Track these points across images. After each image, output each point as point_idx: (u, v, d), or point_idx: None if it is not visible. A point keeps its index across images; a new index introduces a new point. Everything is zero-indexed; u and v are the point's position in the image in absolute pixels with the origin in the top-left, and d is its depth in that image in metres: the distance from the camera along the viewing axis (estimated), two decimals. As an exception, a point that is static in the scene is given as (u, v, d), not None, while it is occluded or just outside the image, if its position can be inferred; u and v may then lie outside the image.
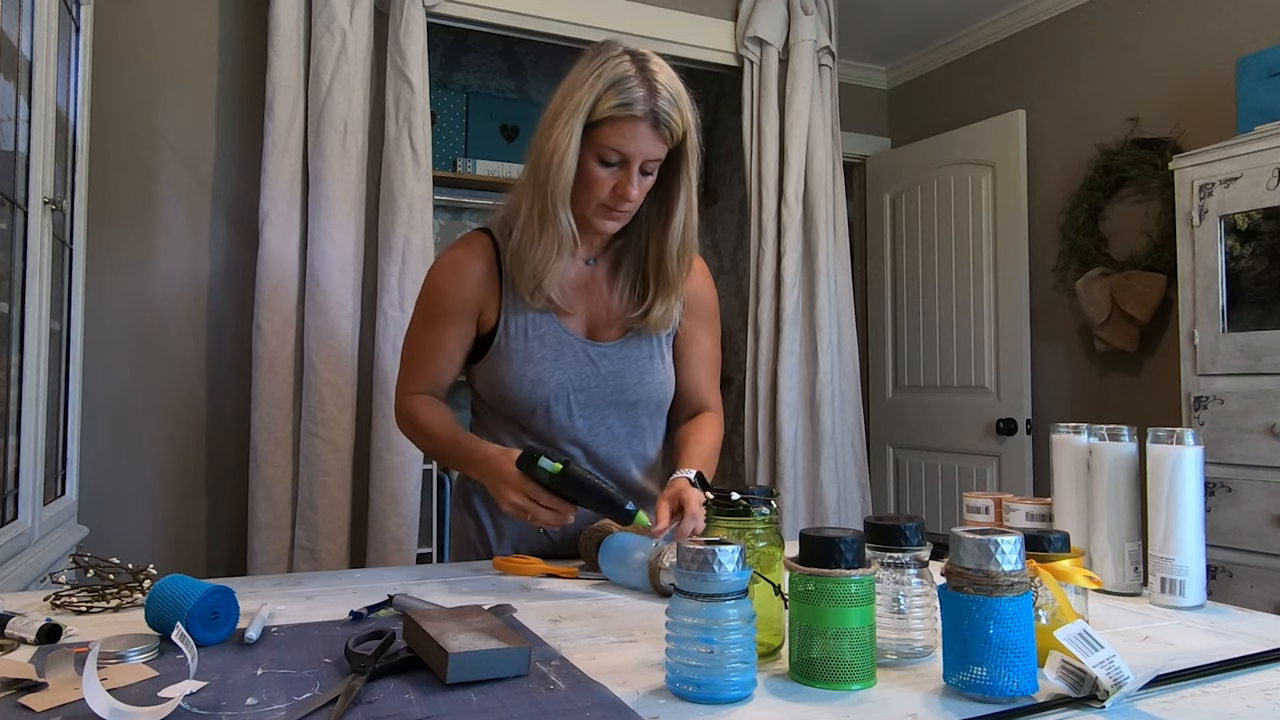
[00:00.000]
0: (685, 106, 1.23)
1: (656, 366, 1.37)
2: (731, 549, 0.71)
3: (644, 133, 1.19)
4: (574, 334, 1.33)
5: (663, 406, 1.41)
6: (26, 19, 1.57)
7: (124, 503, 2.28)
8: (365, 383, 2.40)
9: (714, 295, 1.47)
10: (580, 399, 1.32)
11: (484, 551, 1.41)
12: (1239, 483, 2.29)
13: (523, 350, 1.30)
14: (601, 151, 1.20)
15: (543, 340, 1.31)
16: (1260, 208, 2.30)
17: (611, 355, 1.34)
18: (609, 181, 1.22)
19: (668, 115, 1.19)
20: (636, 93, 1.17)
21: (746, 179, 3.02)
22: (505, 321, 1.31)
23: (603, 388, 1.33)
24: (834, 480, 2.95)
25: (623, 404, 1.35)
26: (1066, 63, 3.32)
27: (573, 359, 1.32)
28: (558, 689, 0.72)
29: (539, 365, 1.30)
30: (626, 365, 1.34)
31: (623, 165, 1.21)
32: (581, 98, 1.18)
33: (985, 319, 3.51)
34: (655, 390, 1.37)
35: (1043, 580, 0.80)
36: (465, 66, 3.91)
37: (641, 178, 1.23)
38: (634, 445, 1.39)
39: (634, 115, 1.17)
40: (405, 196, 2.40)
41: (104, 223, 2.27)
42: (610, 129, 1.18)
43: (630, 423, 1.37)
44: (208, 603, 0.83)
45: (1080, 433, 1.13)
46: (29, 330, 1.59)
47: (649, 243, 1.33)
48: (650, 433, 1.41)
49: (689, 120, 1.23)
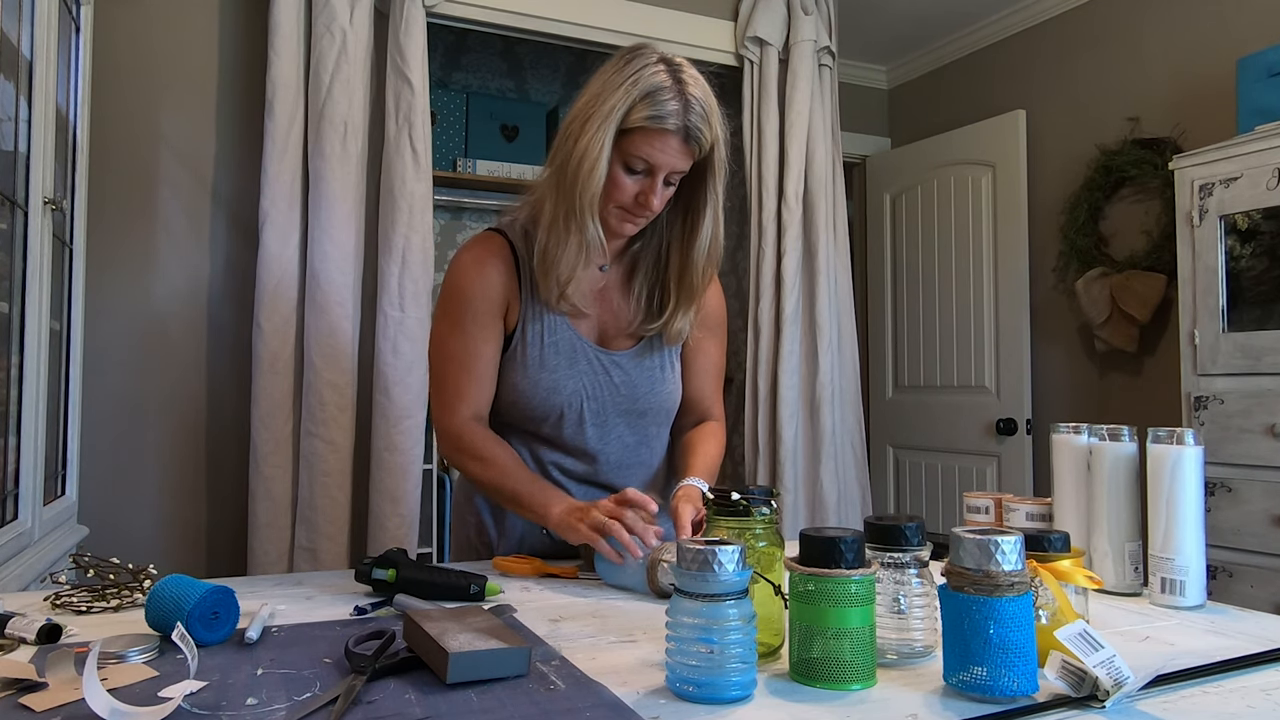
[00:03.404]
0: (716, 121, 1.22)
1: (667, 376, 1.37)
2: (731, 549, 0.71)
3: (674, 146, 1.18)
4: (587, 341, 1.33)
5: (670, 415, 1.41)
6: (26, 19, 1.57)
7: (124, 503, 2.28)
8: (365, 383, 2.40)
9: (724, 307, 1.47)
10: (592, 407, 1.32)
11: (485, 551, 1.41)
12: (1239, 483, 2.29)
13: (539, 357, 1.29)
14: (629, 159, 1.19)
15: (558, 347, 1.30)
16: (1260, 208, 2.30)
17: (624, 364, 1.34)
18: (633, 189, 1.21)
19: (699, 130, 1.18)
20: (671, 105, 1.16)
21: (746, 179, 3.02)
22: (523, 326, 1.30)
23: (615, 396, 1.33)
24: (834, 480, 2.95)
25: (633, 413, 1.35)
26: (1066, 63, 3.32)
27: (586, 366, 1.31)
28: (558, 689, 0.72)
29: (554, 373, 1.29)
30: (639, 374, 1.34)
31: (648, 174, 1.20)
32: (615, 104, 1.17)
33: (985, 319, 3.51)
34: (665, 400, 1.37)
35: (1043, 580, 0.80)
36: (465, 66, 3.91)
37: (664, 188, 1.23)
38: (641, 454, 1.38)
39: (666, 129, 1.17)
40: (405, 196, 2.40)
41: (104, 223, 2.27)
42: (641, 138, 1.17)
43: (639, 431, 1.37)
44: (208, 603, 0.83)
45: (1080, 433, 1.13)
46: (29, 330, 1.59)
47: (670, 253, 1.32)
48: (658, 441, 1.41)
49: (718, 134, 1.23)
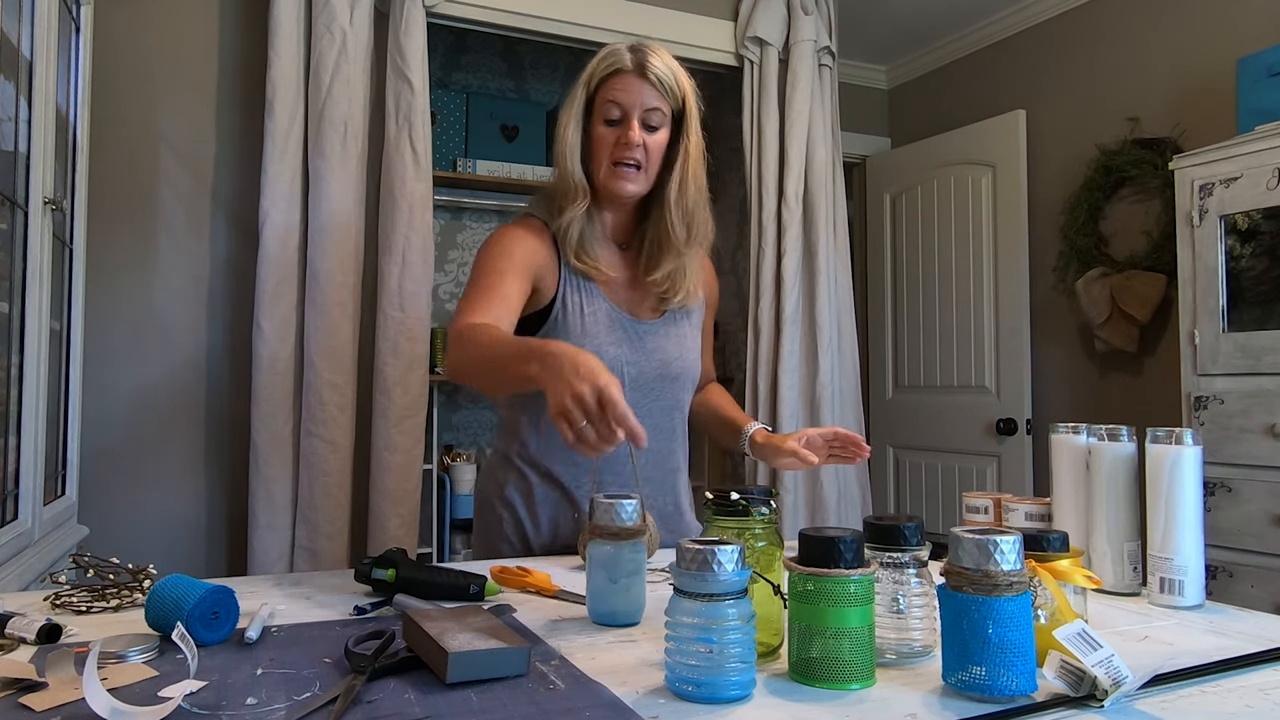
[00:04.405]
0: (677, 70, 1.36)
1: (691, 345, 1.48)
2: (731, 549, 0.71)
3: (633, 83, 1.32)
4: (622, 311, 1.41)
5: (694, 383, 1.51)
6: (26, 19, 1.57)
7: (124, 503, 2.28)
8: (365, 383, 2.40)
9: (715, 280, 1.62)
10: (631, 373, 1.38)
11: (520, 545, 1.41)
12: (1239, 483, 2.29)
13: (580, 325, 1.36)
14: (602, 110, 1.33)
15: (596, 317, 1.38)
16: (1260, 208, 2.30)
17: (654, 331, 1.43)
18: (612, 137, 1.33)
19: (654, 66, 1.32)
20: (624, 54, 1.34)
21: (746, 179, 3.02)
22: (563, 298, 1.38)
23: (649, 361, 1.41)
24: (834, 480, 2.95)
25: (667, 377, 1.43)
26: (1066, 63, 3.32)
27: (623, 334, 1.40)
28: (558, 689, 0.72)
29: (596, 339, 1.36)
30: (667, 341, 1.43)
31: (624, 120, 1.33)
32: (582, 79, 1.36)
33: (985, 319, 3.51)
34: (691, 366, 1.47)
35: (1042, 580, 0.80)
36: (465, 66, 3.91)
37: (649, 132, 1.34)
38: (674, 418, 1.46)
39: (621, 69, 1.32)
40: (405, 196, 2.40)
41: (104, 223, 2.27)
42: (604, 89, 1.34)
43: (672, 397, 1.45)
44: (208, 603, 0.83)
45: (1079, 433, 1.13)
46: (29, 330, 1.59)
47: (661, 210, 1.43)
48: (686, 407, 1.50)
49: (685, 85, 1.37)
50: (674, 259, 1.41)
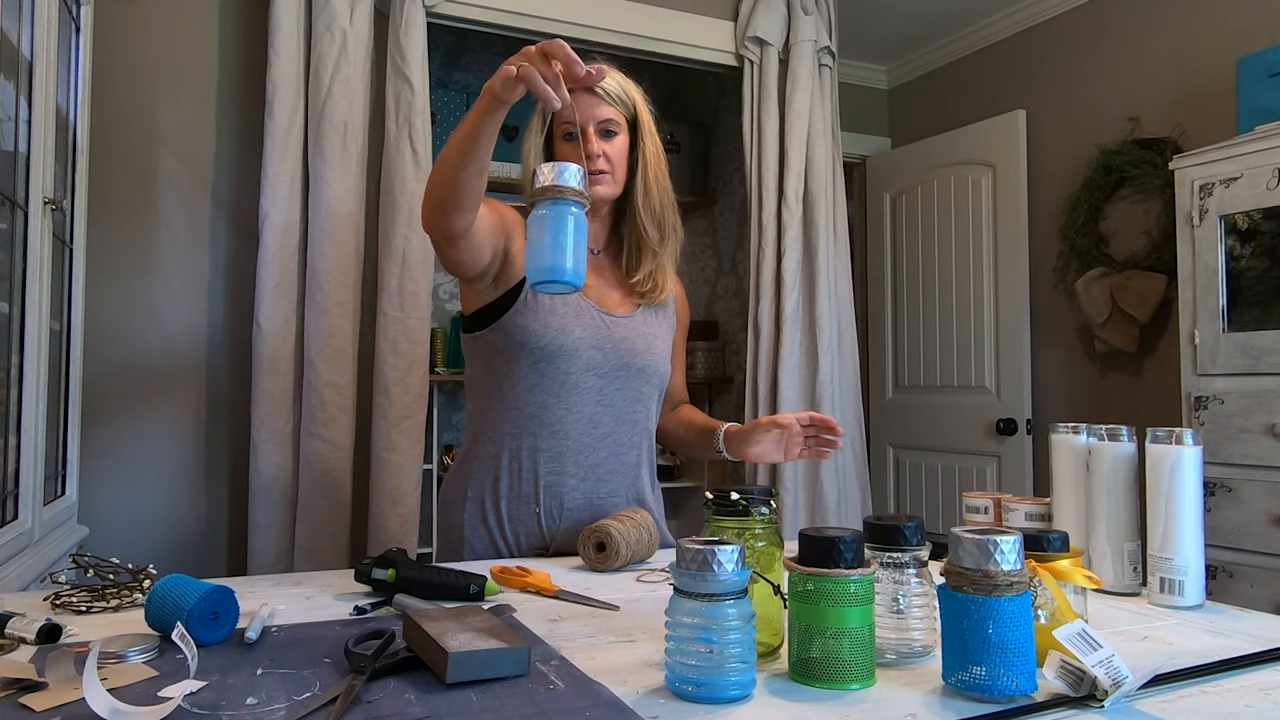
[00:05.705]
0: (625, 81, 1.44)
1: (661, 344, 1.52)
2: (731, 549, 0.71)
3: (583, 99, 1.39)
4: (591, 301, 1.46)
5: (662, 384, 1.54)
6: (26, 19, 1.57)
7: (124, 503, 2.28)
8: (365, 383, 2.40)
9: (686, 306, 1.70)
10: (596, 358, 1.42)
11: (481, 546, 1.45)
12: (1239, 483, 2.29)
13: (548, 305, 1.41)
14: (560, 130, 1.42)
15: (565, 302, 1.43)
16: (1260, 208, 2.30)
17: (624, 324, 1.48)
18: (575, 151, 1.40)
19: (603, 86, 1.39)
20: None
21: (746, 179, 3.02)
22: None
23: (616, 349, 1.45)
24: (834, 480, 2.95)
25: (633, 368, 1.46)
26: (1066, 63, 3.32)
27: (590, 321, 1.44)
28: (557, 689, 0.72)
29: (562, 319, 1.41)
30: (636, 334, 1.48)
31: (582, 134, 1.40)
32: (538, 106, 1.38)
33: (985, 319, 3.51)
34: (660, 363, 1.51)
35: (1042, 580, 0.80)
36: (465, 66, 3.91)
37: (607, 139, 1.41)
38: (636, 411, 1.48)
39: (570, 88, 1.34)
40: (405, 196, 2.40)
41: (104, 223, 2.27)
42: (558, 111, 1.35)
43: (636, 389, 1.48)
44: (208, 603, 0.83)
45: (1079, 433, 1.13)
46: (29, 330, 1.59)
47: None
48: (652, 403, 1.52)
49: (635, 94, 1.45)
50: (652, 259, 1.50)
